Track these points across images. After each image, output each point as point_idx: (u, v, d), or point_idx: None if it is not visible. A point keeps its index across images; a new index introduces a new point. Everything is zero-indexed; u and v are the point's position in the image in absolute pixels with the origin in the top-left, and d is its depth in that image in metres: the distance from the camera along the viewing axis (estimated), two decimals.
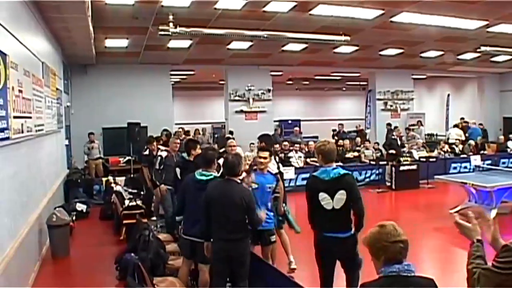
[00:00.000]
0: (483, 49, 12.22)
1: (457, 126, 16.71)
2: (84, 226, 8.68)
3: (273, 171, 5.66)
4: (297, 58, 14.52)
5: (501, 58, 14.69)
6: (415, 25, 10.25)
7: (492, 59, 15.05)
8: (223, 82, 17.20)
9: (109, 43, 11.26)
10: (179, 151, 8.04)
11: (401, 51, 13.65)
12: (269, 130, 14.54)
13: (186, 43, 11.71)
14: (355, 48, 12.92)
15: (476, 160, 11.84)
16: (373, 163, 12.73)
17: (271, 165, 5.64)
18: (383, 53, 13.92)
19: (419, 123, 17.20)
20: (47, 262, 6.60)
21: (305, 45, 12.27)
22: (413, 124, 16.79)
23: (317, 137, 18.15)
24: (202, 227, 4.39)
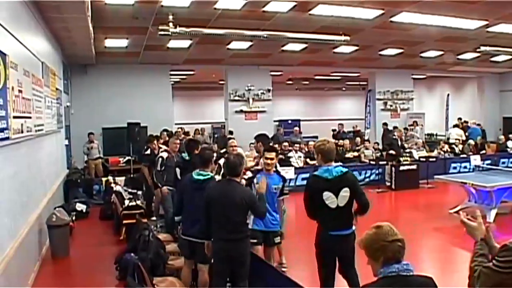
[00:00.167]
0: (483, 49, 12.23)
1: (458, 126, 16.73)
2: (84, 226, 8.67)
3: (280, 171, 5.59)
4: (297, 58, 14.52)
5: (501, 58, 14.70)
6: (415, 25, 10.26)
7: (492, 59, 15.06)
8: (223, 82, 17.21)
9: (109, 43, 11.26)
10: (179, 151, 8.04)
11: (401, 51, 13.65)
12: (269, 130, 14.55)
13: (186, 43, 11.72)
14: (355, 48, 12.92)
15: (476, 160, 11.82)
16: (373, 163, 12.71)
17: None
18: (383, 53, 13.93)
19: (415, 123, 17.21)
20: (47, 262, 6.59)
21: (305, 45, 12.27)
22: (410, 124, 16.81)
23: (317, 137, 18.04)
24: (202, 226, 4.39)
